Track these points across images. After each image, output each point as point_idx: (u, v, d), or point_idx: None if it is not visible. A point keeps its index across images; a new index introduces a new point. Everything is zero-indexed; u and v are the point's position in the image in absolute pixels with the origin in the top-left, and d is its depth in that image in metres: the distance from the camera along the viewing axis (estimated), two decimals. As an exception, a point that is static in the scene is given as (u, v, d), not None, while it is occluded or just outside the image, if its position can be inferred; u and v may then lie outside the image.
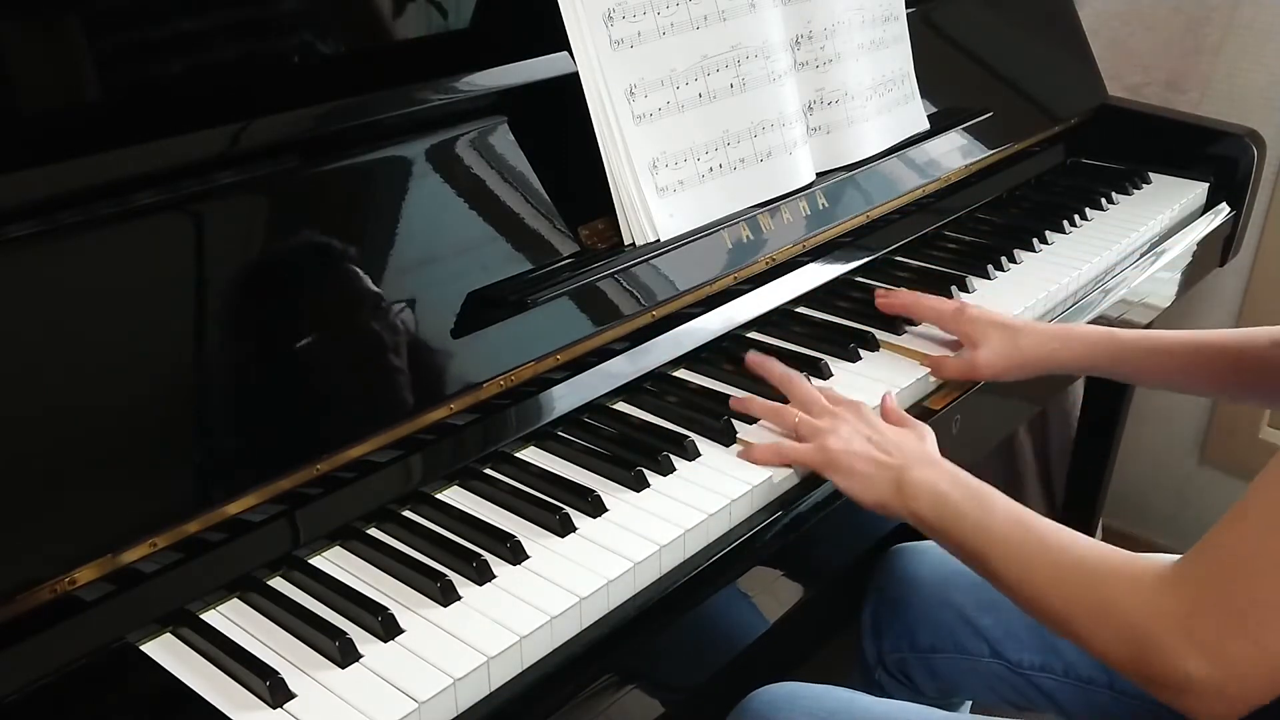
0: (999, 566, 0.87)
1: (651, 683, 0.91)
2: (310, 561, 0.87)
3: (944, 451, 0.98)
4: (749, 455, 0.99)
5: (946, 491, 0.91)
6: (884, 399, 1.07)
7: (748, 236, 1.17)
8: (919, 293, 1.23)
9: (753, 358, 1.10)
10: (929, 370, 1.15)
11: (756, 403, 1.04)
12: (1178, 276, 1.57)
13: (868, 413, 1.01)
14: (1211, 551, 0.76)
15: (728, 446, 1.01)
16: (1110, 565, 0.81)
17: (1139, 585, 0.78)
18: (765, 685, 1.07)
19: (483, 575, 0.85)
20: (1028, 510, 0.89)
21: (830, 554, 1.09)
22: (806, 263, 1.28)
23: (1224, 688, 0.74)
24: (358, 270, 0.94)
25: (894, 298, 1.23)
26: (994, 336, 1.14)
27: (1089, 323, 1.32)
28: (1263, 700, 0.74)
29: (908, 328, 1.23)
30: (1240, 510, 0.75)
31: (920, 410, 1.11)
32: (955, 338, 1.18)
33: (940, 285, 1.31)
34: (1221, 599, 0.74)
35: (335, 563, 0.88)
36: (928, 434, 1.00)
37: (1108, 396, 1.89)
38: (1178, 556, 0.78)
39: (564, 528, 0.90)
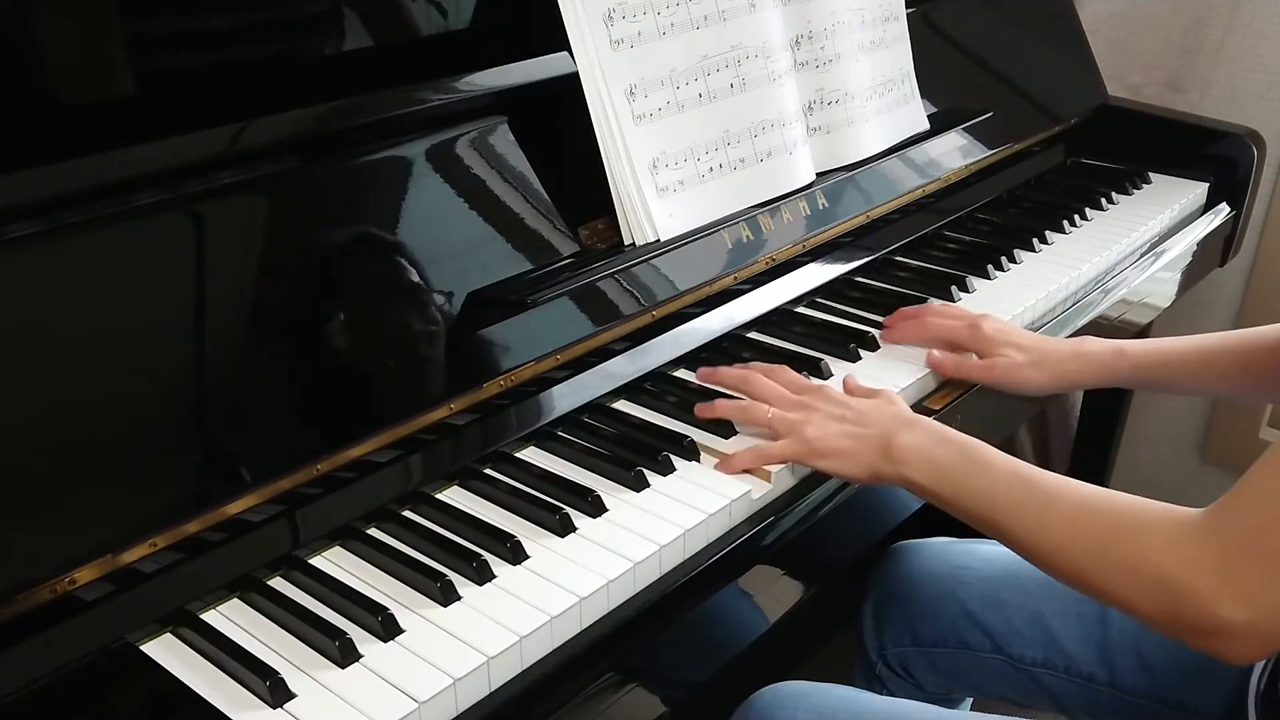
0: (1009, 527, 0.87)
1: (652, 682, 0.91)
2: (310, 561, 0.87)
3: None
4: (729, 466, 0.97)
5: (937, 455, 0.91)
6: (845, 380, 1.07)
7: (748, 236, 1.17)
8: (925, 310, 1.21)
9: (703, 372, 1.09)
10: (932, 370, 1.15)
11: (723, 405, 1.03)
12: (1178, 276, 1.57)
13: (833, 392, 1.02)
14: (1246, 499, 0.77)
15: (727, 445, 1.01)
16: (1131, 516, 0.82)
17: (1167, 536, 0.79)
18: (768, 684, 1.07)
19: (483, 575, 0.85)
20: (1026, 464, 0.89)
21: (832, 551, 1.09)
22: (806, 263, 1.28)
23: (1260, 629, 0.75)
24: (357, 270, 0.94)
25: (898, 320, 1.20)
26: (1012, 355, 1.14)
27: (1088, 324, 1.32)
28: None
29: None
30: (1273, 457, 0.76)
31: (920, 410, 1.11)
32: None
33: (940, 285, 1.32)
34: (1259, 544, 0.75)
35: (335, 563, 0.88)
36: (896, 397, 1.01)
37: (1108, 396, 1.89)
38: (1196, 509, 0.79)
39: (564, 528, 0.90)
